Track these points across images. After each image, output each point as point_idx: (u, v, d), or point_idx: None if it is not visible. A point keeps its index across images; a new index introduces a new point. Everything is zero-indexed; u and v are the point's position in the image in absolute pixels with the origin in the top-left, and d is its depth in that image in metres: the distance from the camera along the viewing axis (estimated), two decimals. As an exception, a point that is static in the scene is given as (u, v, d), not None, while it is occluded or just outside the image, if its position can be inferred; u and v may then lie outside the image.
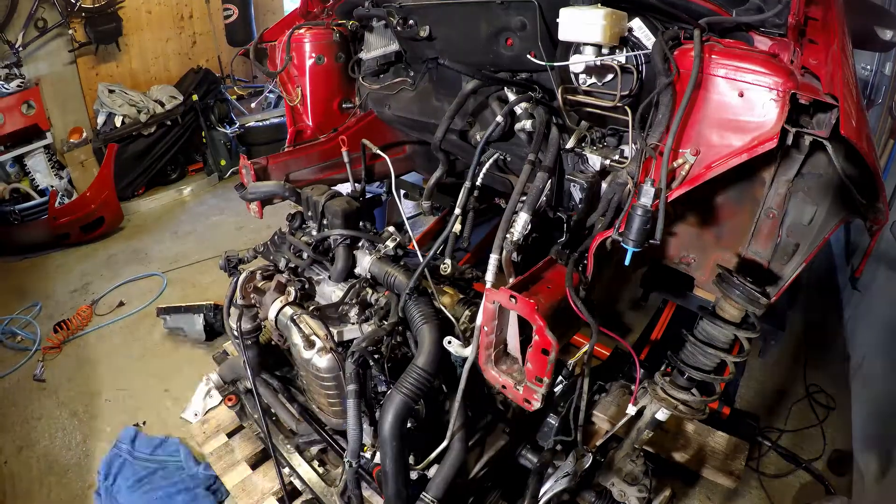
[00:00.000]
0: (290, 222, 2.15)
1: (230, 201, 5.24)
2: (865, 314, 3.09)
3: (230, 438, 2.34)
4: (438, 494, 1.53)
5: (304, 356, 1.65)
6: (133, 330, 3.43)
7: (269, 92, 5.99)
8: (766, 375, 2.99)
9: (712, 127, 1.29)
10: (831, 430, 2.63)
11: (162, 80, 5.64)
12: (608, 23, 1.36)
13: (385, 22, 2.25)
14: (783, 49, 1.30)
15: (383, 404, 1.50)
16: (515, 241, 1.50)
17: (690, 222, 1.67)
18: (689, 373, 1.60)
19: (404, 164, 2.94)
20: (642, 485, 1.85)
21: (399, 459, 1.50)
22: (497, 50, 1.87)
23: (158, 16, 5.65)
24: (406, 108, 2.46)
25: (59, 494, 2.37)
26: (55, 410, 2.80)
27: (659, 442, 2.27)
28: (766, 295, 1.40)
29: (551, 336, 1.24)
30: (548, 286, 1.38)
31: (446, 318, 1.61)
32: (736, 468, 2.21)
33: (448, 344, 1.52)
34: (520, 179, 1.60)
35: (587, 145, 1.77)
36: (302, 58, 2.48)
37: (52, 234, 4.33)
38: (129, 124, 5.00)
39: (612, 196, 1.57)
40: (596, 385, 2.38)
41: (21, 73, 4.49)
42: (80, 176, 4.93)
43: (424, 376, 1.48)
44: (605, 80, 1.58)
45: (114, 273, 4.08)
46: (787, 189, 1.47)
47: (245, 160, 2.30)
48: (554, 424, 1.85)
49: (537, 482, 1.79)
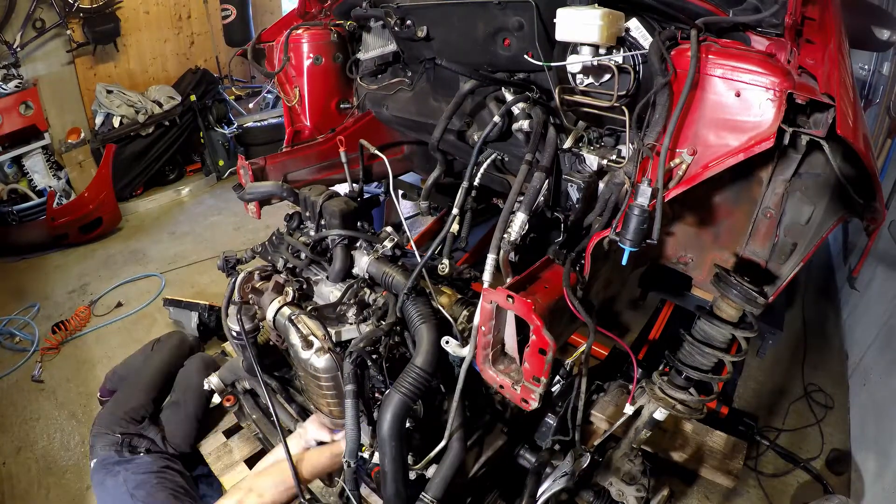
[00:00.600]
0: (287, 222, 2.15)
1: (228, 202, 5.24)
2: (863, 313, 3.09)
3: (228, 439, 2.34)
4: (437, 494, 1.53)
5: (303, 356, 1.65)
6: (131, 330, 3.43)
7: (267, 92, 6.00)
8: (765, 375, 2.99)
9: (709, 127, 1.29)
10: (829, 430, 2.63)
11: (160, 80, 5.64)
12: (605, 23, 1.37)
13: (383, 22, 2.24)
14: (780, 49, 1.30)
15: (382, 404, 1.50)
16: (513, 241, 1.50)
17: (688, 222, 1.68)
18: (687, 372, 1.61)
19: (402, 164, 2.94)
20: (640, 484, 1.85)
21: (398, 459, 1.50)
22: (494, 50, 1.87)
23: (156, 16, 5.64)
24: (404, 109, 2.46)
25: (58, 495, 2.37)
26: (53, 411, 2.80)
27: (657, 441, 2.27)
28: (763, 294, 1.40)
29: (548, 336, 1.24)
30: (545, 286, 1.38)
31: (444, 318, 1.61)
32: (734, 467, 2.22)
33: (446, 344, 1.52)
34: (517, 179, 1.59)
35: (584, 145, 1.77)
36: (300, 58, 2.48)
37: (50, 235, 4.33)
38: (127, 125, 5.00)
39: (609, 196, 1.57)
40: (594, 385, 2.38)
41: (19, 73, 4.49)
42: (78, 176, 4.93)
43: (423, 376, 1.48)
44: (603, 80, 1.59)
45: (112, 273, 4.08)
46: (785, 189, 1.47)
47: (243, 160, 2.30)
48: (552, 424, 1.85)
49: (535, 482, 1.79)
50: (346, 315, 1.75)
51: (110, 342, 3.33)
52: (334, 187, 2.23)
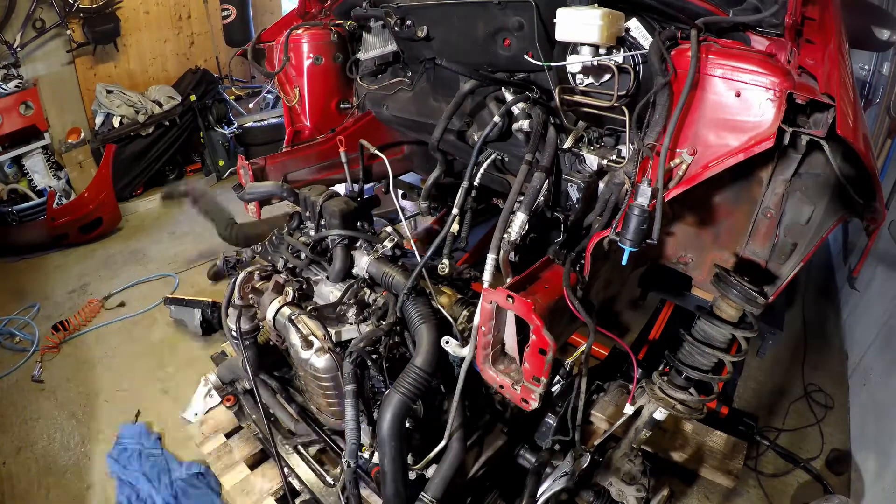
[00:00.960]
0: (287, 223, 2.15)
1: (228, 202, 5.20)
2: (863, 313, 3.09)
3: (228, 439, 2.33)
4: (437, 494, 1.53)
5: (303, 356, 1.65)
6: (131, 330, 3.43)
7: (267, 92, 5.99)
8: (765, 375, 2.99)
9: (709, 127, 1.29)
10: (829, 430, 2.63)
11: (160, 80, 5.64)
12: (605, 23, 1.37)
13: (383, 22, 2.24)
14: (780, 49, 1.30)
15: (381, 404, 1.50)
16: (513, 241, 1.50)
17: (688, 222, 1.68)
18: (687, 372, 1.61)
19: (402, 164, 2.94)
20: (640, 484, 1.85)
21: (398, 459, 1.50)
22: (494, 50, 1.87)
23: (156, 16, 5.64)
24: (404, 109, 2.46)
25: (58, 495, 2.36)
26: (54, 411, 2.80)
27: (657, 441, 2.27)
28: (763, 294, 1.40)
29: (548, 336, 1.24)
30: (545, 286, 1.38)
31: (444, 318, 1.61)
32: (734, 467, 2.22)
33: (446, 344, 1.52)
34: (517, 179, 1.59)
35: (584, 145, 1.77)
36: (300, 58, 2.48)
37: (49, 235, 4.33)
38: (127, 125, 5.00)
39: (609, 196, 1.57)
40: (594, 385, 2.38)
41: (19, 73, 4.49)
42: (78, 176, 4.93)
43: (423, 376, 1.48)
44: (603, 80, 1.59)
45: (112, 273, 4.08)
46: (785, 189, 1.47)
47: (243, 160, 2.30)
48: (552, 424, 1.85)
49: (535, 482, 1.79)
50: (346, 315, 1.75)
51: (110, 342, 3.33)
52: (334, 187, 2.23)
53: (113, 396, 2.90)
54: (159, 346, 3.28)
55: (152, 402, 2.84)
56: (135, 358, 3.19)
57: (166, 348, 3.25)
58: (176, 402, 2.80)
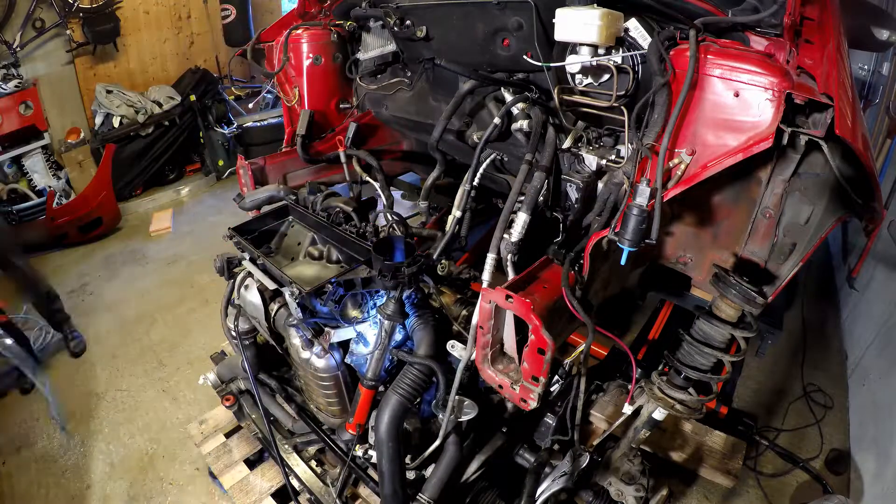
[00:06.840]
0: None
1: (228, 202, 5.23)
2: (863, 313, 3.10)
3: (228, 438, 2.34)
4: (434, 495, 1.53)
5: (303, 356, 1.65)
6: (131, 330, 3.43)
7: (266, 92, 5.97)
8: (764, 375, 2.99)
9: (708, 127, 1.29)
10: (829, 430, 2.63)
11: (160, 80, 5.64)
12: (604, 23, 1.37)
13: (382, 22, 2.24)
14: (779, 49, 1.30)
15: (380, 405, 1.50)
16: (515, 241, 1.50)
17: (687, 222, 1.68)
18: (686, 372, 1.60)
19: (401, 164, 2.94)
20: (640, 484, 1.85)
21: (395, 460, 1.50)
22: (494, 50, 1.87)
23: (156, 16, 5.64)
24: (403, 109, 2.46)
25: (58, 495, 2.37)
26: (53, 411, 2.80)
27: (656, 441, 2.27)
28: (762, 294, 1.40)
29: (547, 335, 1.24)
30: (544, 286, 1.38)
31: (443, 317, 1.61)
32: (733, 467, 2.22)
33: (451, 349, 1.52)
34: (517, 179, 1.59)
35: (583, 145, 1.77)
36: (299, 58, 2.48)
37: (49, 235, 4.33)
38: (126, 125, 5.00)
39: (608, 196, 1.57)
40: (593, 384, 2.38)
41: (19, 73, 4.49)
42: (77, 176, 4.93)
43: (421, 377, 1.48)
44: (602, 81, 1.59)
45: (112, 273, 4.08)
46: (784, 189, 1.47)
47: (243, 160, 2.30)
48: (551, 424, 1.85)
49: (534, 482, 1.79)
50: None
51: (110, 342, 3.33)
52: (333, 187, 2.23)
53: (113, 396, 2.90)
54: (159, 345, 3.28)
55: (152, 401, 2.84)
56: (135, 357, 3.19)
57: (166, 347, 3.26)
58: (175, 402, 2.80)
